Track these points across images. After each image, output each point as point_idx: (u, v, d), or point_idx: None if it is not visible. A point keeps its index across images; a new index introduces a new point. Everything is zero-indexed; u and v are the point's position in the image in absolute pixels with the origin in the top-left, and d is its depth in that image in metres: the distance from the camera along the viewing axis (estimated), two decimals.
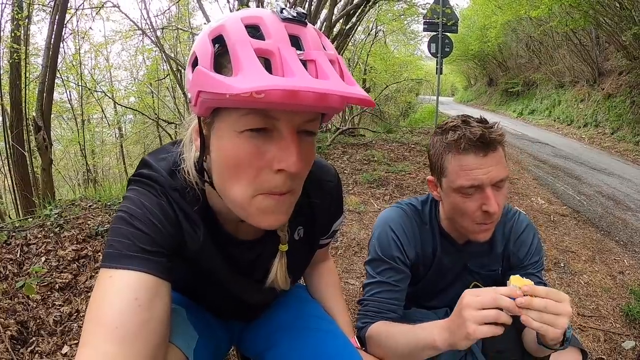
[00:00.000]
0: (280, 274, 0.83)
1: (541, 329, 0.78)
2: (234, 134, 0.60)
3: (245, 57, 0.53)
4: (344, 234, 3.22)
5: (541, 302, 0.78)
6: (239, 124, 0.59)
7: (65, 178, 10.64)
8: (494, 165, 0.97)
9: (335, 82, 0.54)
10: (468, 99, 27.42)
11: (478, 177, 0.97)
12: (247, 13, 0.60)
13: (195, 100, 0.59)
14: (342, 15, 6.76)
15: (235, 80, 0.51)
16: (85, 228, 2.55)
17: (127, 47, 14.44)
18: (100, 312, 0.60)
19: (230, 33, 0.57)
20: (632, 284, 2.79)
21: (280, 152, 0.60)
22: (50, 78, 4.69)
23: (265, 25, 0.58)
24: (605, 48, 11.60)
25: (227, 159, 0.62)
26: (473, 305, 0.81)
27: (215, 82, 0.53)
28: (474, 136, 0.96)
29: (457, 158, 0.99)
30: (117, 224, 0.67)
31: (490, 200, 0.97)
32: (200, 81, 0.57)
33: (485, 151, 0.97)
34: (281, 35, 0.57)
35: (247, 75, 0.51)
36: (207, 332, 0.95)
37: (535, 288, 0.80)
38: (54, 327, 1.88)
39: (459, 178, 0.99)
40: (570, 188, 5.34)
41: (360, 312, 1.16)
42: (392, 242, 1.15)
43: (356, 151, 5.83)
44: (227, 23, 0.58)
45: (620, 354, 2.07)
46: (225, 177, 0.64)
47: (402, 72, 15.77)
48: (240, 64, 0.53)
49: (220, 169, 0.64)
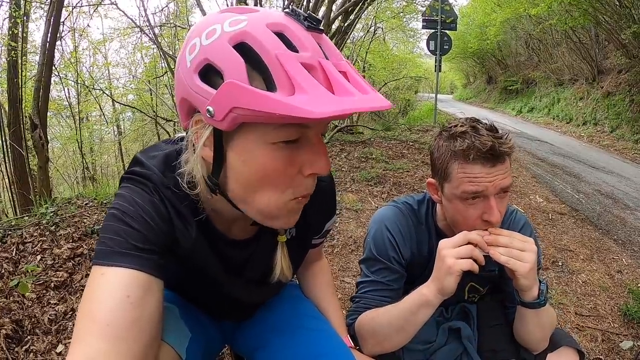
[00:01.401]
0: (285, 263, 0.85)
1: (509, 262, 0.90)
2: (265, 146, 0.60)
3: (300, 74, 0.53)
4: (341, 232, 3.22)
5: (506, 238, 0.93)
6: (271, 135, 0.59)
7: (64, 176, 10.63)
8: (500, 174, 0.95)
9: (376, 96, 0.56)
10: (467, 97, 27.41)
11: (483, 184, 0.95)
12: (267, 18, 0.58)
13: (224, 115, 0.56)
14: (340, 13, 6.73)
15: (302, 102, 0.51)
16: (81, 226, 2.53)
17: (125, 45, 14.44)
18: (92, 310, 0.60)
19: (264, 43, 0.55)
20: (631, 283, 2.78)
21: (312, 158, 0.63)
22: (47, 76, 4.67)
23: (293, 35, 0.57)
24: (605, 46, 11.59)
25: (258, 170, 0.62)
26: (448, 245, 0.94)
27: (269, 101, 0.52)
28: (484, 147, 0.93)
29: (463, 166, 0.97)
30: (109, 221, 0.66)
31: (493, 210, 0.95)
32: (236, 97, 0.54)
33: (493, 163, 0.94)
34: (314, 46, 0.57)
35: (311, 96, 0.51)
36: (200, 330, 0.95)
37: (500, 229, 0.95)
38: (49, 326, 1.88)
39: (463, 184, 0.97)
40: (568, 186, 5.34)
41: (351, 309, 1.16)
42: (388, 242, 1.14)
43: (354, 149, 5.81)
44: (251, 30, 0.56)
45: (618, 354, 2.06)
46: (253, 187, 0.64)
47: (401, 70, 15.74)
48: (299, 83, 0.52)
49: (247, 181, 0.63)
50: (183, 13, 10.19)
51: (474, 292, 1.24)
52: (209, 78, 0.58)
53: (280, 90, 0.53)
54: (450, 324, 1.19)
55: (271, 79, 0.54)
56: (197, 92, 0.59)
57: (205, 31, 0.59)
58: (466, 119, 1.04)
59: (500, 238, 0.92)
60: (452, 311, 1.26)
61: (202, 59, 0.58)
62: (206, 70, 0.58)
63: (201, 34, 0.59)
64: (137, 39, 10.08)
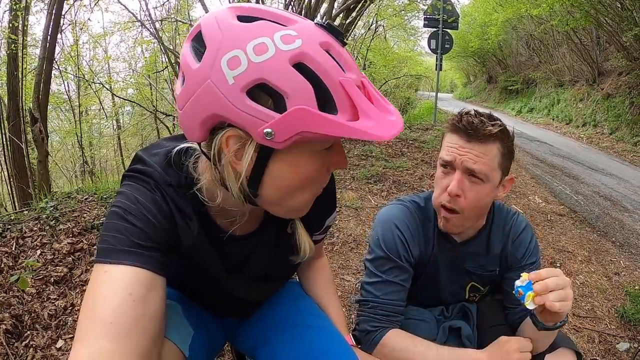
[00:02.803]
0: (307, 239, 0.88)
1: (563, 307, 0.86)
2: (311, 155, 0.64)
3: (362, 101, 0.57)
4: (341, 230, 3.22)
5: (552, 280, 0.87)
6: (316, 146, 0.63)
7: (63, 170, 10.62)
8: (473, 153, 1.01)
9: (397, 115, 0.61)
10: (467, 96, 27.40)
11: (452, 154, 1.03)
12: (317, 36, 0.59)
13: (288, 138, 0.56)
14: (342, 10, 6.72)
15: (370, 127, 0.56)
16: (80, 221, 2.53)
17: (125, 39, 14.37)
18: (94, 308, 0.60)
19: (325, 66, 0.57)
20: (628, 285, 2.80)
21: (339, 157, 0.69)
22: (47, 69, 4.66)
23: (338, 54, 0.60)
24: (606, 48, 11.60)
25: (303, 177, 0.66)
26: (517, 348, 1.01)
27: (340, 126, 0.55)
28: (468, 123, 1.01)
29: (447, 136, 1.07)
30: (111, 219, 0.66)
31: (454, 182, 1.03)
32: (305, 122, 0.55)
33: (469, 137, 1.01)
34: (354, 65, 0.61)
35: (375, 121, 0.57)
36: (202, 327, 0.95)
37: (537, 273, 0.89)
38: (48, 321, 1.88)
39: (442, 151, 1.08)
40: (567, 187, 5.35)
41: (367, 313, 1.14)
42: (398, 240, 1.14)
43: (354, 146, 5.81)
44: (309, 51, 0.56)
45: (614, 355, 2.08)
46: (292, 192, 0.67)
47: (401, 68, 15.74)
48: (363, 109, 0.57)
49: (287, 187, 0.66)
50: (184, 7, 10.15)
51: (475, 291, 1.25)
52: (258, 97, 0.56)
53: (341, 113, 0.57)
54: (450, 324, 1.20)
55: (333, 103, 0.56)
56: (246, 112, 0.56)
57: (252, 44, 0.55)
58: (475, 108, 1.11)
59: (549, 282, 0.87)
60: (453, 310, 1.26)
61: (255, 77, 0.54)
62: (259, 90, 0.56)
63: (245, 47, 0.55)
64: (138, 33, 10.06)
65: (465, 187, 1.03)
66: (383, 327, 1.11)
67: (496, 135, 1.00)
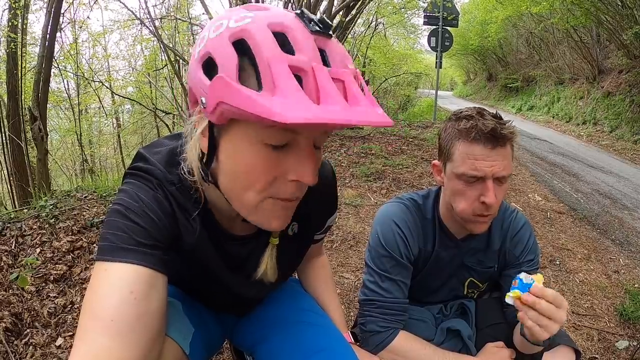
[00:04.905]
0: (270, 265, 0.84)
1: (533, 328, 0.86)
2: (252, 144, 0.60)
3: (283, 77, 0.52)
4: (340, 228, 3.22)
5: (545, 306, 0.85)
6: (260, 136, 0.59)
7: (63, 168, 10.59)
8: (499, 160, 0.99)
9: (366, 110, 0.54)
10: (467, 94, 27.36)
11: (481, 169, 0.98)
12: (272, 18, 0.57)
13: (212, 108, 0.57)
14: (342, 7, 6.71)
15: (276, 105, 0.49)
16: (80, 219, 2.53)
17: (125, 37, 14.36)
18: (96, 306, 0.60)
19: (260, 44, 0.54)
20: (627, 283, 2.80)
21: (297, 165, 0.62)
22: (47, 68, 4.66)
23: (294, 37, 0.56)
24: (606, 46, 11.57)
25: (243, 167, 0.62)
26: None
27: (249, 100, 0.51)
28: (486, 128, 0.97)
29: (465, 145, 1.01)
30: (112, 217, 0.66)
31: (490, 192, 0.99)
32: (223, 92, 0.54)
33: (493, 144, 0.98)
34: (313, 50, 0.56)
35: (289, 100, 0.50)
36: (202, 325, 0.96)
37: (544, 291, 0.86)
38: (48, 319, 1.88)
39: (463, 165, 1.00)
40: (567, 185, 5.35)
41: (374, 313, 1.14)
42: (399, 238, 1.14)
43: (354, 144, 5.81)
44: (252, 28, 0.55)
45: (613, 353, 2.08)
46: (239, 183, 0.64)
47: (401, 66, 15.71)
48: (279, 86, 0.51)
49: (233, 175, 0.64)
50: (184, 5, 10.13)
51: (473, 287, 1.25)
52: (208, 71, 0.59)
53: (265, 91, 0.52)
54: (449, 325, 1.20)
55: (258, 79, 0.54)
56: (197, 82, 0.60)
57: (215, 25, 0.60)
58: (474, 106, 1.08)
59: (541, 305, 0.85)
60: (451, 308, 1.27)
61: (205, 51, 0.59)
62: (207, 63, 0.59)
63: (211, 28, 0.60)
64: (137, 31, 10.04)
65: (497, 194, 1.02)
66: (393, 328, 1.12)
67: (512, 134, 1.00)
